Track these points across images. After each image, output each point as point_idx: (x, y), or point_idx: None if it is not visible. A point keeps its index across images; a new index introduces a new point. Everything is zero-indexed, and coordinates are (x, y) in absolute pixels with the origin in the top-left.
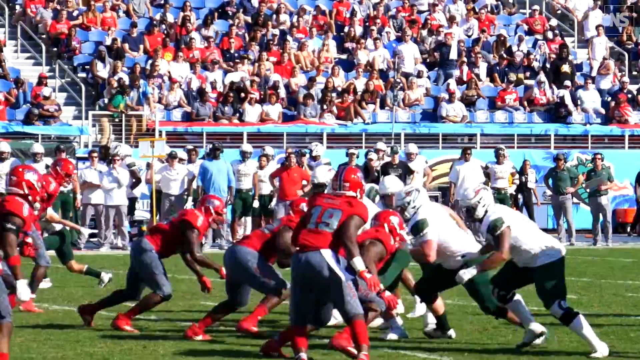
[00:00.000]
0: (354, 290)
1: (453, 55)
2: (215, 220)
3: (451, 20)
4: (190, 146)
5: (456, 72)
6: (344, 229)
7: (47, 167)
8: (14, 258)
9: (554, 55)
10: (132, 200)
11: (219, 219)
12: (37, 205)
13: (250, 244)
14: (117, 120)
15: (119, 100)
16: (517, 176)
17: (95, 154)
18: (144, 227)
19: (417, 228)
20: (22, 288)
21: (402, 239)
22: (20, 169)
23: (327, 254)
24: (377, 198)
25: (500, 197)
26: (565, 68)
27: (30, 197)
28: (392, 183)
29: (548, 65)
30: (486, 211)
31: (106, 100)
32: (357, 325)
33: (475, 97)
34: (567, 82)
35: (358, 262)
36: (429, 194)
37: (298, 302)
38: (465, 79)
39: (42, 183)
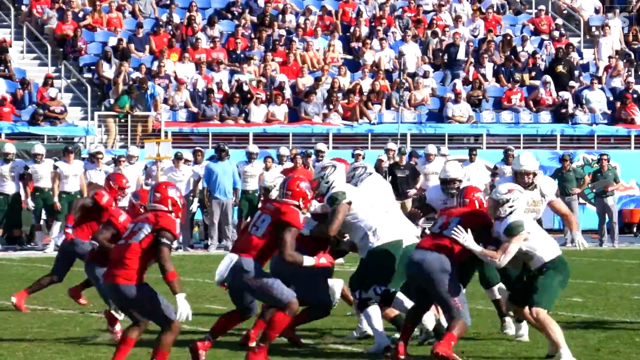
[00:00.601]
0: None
1: (459, 55)
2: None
3: (457, 20)
4: (196, 147)
5: (462, 73)
6: (280, 241)
7: (55, 167)
8: (172, 273)
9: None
10: None
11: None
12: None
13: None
14: (122, 120)
15: (125, 100)
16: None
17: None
18: None
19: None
20: (182, 302)
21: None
22: (164, 186)
23: (246, 261)
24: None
25: None
26: (561, 68)
27: (173, 214)
28: (453, 168)
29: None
30: (511, 213)
31: (112, 101)
32: (277, 315)
33: (481, 97)
34: (572, 83)
35: (307, 261)
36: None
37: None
38: (471, 79)
39: (182, 200)
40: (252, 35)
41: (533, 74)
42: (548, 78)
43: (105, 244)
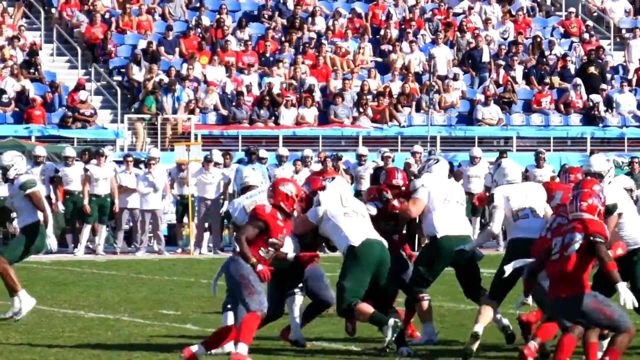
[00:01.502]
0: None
1: (484, 58)
2: None
3: (487, 22)
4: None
5: (492, 75)
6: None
7: (85, 170)
8: (611, 264)
9: (587, 58)
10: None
11: None
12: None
13: None
14: (150, 121)
15: (151, 101)
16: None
17: (130, 158)
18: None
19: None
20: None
21: None
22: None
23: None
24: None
25: None
26: (592, 70)
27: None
28: (513, 169)
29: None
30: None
31: (138, 104)
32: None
33: (511, 100)
34: (603, 85)
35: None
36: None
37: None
38: (501, 81)
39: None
40: (282, 38)
41: (563, 76)
42: (578, 80)
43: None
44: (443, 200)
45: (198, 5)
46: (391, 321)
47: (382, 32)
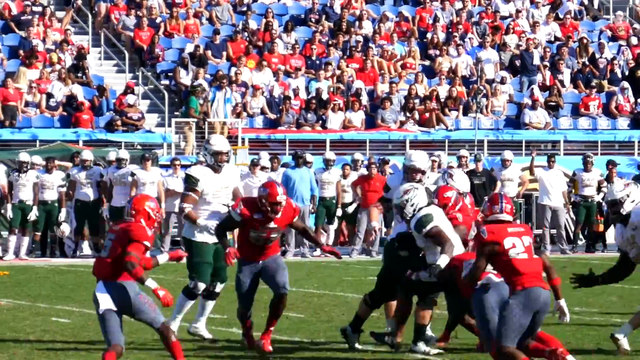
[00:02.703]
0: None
1: (535, 61)
2: None
3: (534, 26)
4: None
5: (539, 79)
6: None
7: (132, 174)
8: None
9: (634, 62)
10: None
11: None
12: None
13: None
14: (197, 125)
15: (194, 101)
16: (605, 184)
17: (177, 162)
18: None
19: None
20: None
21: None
22: None
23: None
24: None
25: (587, 205)
26: None
27: None
28: (419, 157)
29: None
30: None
31: (185, 108)
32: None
33: (558, 103)
34: None
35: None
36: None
37: None
38: (548, 85)
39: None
40: (329, 42)
41: (609, 79)
42: (626, 84)
43: None
44: None
45: (245, 9)
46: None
47: (429, 36)
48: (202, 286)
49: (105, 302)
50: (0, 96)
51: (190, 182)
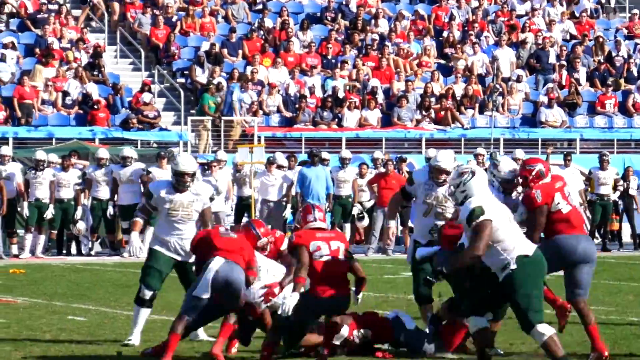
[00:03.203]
0: None
1: (550, 59)
2: None
3: (550, 24)
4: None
5: (555, 77)
6: None
7: (147, 172)
8: None
9: None
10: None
11: None
12: None
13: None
14: (213, 123)
15: (207, 98)
16: (621, 182)
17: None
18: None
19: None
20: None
21: None
22: None
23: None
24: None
25: (603, 203)
26: None
27: None
28: (446, 158)
29: None
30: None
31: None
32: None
33: (574, 102)
34: None
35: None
36: None
37: None
38: (564, 83)
39: None
40: (345, 40)
41: (625, 78)
42: None
43: None
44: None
45: (261, 7)
46: None
47: (445, 34)
48: (147, 292)
49: None
50: (17, 94)
51: (145, 194)
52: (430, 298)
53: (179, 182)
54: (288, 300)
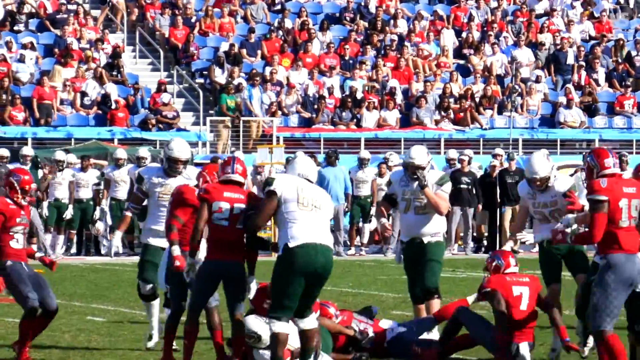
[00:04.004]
0: None
1: (569, 60)
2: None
3: (569, 24)
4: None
5: (574, 77)
6: None
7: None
8: None
9: None
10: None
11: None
12: None
13: None
14: (233, 124)
15: (225, 98)
16: None
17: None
18: None
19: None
20: None
21: None
22: None
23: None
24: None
25: None
26: None
27: None
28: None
29: None
30: None
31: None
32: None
33: (593, 102)
34: None
35: None
36: None
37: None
38: (583, 84)
39: None
40: (364, 41)
41: None
42: None
43: None
44: None
45: (280, 7)
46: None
47: (463, 35)
48: (147, 287)
49: None
50: (36, 95)
51: (137, 180)
52: (423, 298)
53: (172, 168)
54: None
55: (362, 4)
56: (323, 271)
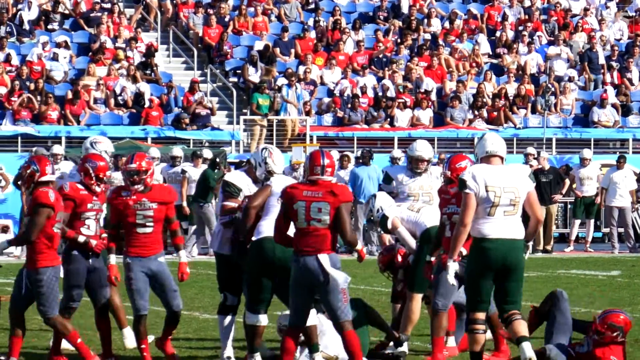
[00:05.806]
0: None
1: (600, 59)
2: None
3: (601, 23)
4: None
5: (608, 77)
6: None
7: (183, 172)
8: None
9: None
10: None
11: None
12: None
13: None
14: (264, 121)
15: (256, 97)
16: None
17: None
18: None
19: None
20: None
21: None
22: None
23: (323, 258)
24: None
25: None
26: None
27: None
28: (423, 147)
29: None
30: None
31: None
32: (349, 334)
33: (627, 102)
34: None
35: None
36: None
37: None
38: (617, 83)
39: None
40: (398, 40)
41: None
42: None
43: None
44: None
45: (314, 6)
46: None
47: (497, 34)
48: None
49: None
50: (70, 93)
51: (232, 189)
52: (401, 299)
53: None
54: None
55: (396, 2)
56: None
